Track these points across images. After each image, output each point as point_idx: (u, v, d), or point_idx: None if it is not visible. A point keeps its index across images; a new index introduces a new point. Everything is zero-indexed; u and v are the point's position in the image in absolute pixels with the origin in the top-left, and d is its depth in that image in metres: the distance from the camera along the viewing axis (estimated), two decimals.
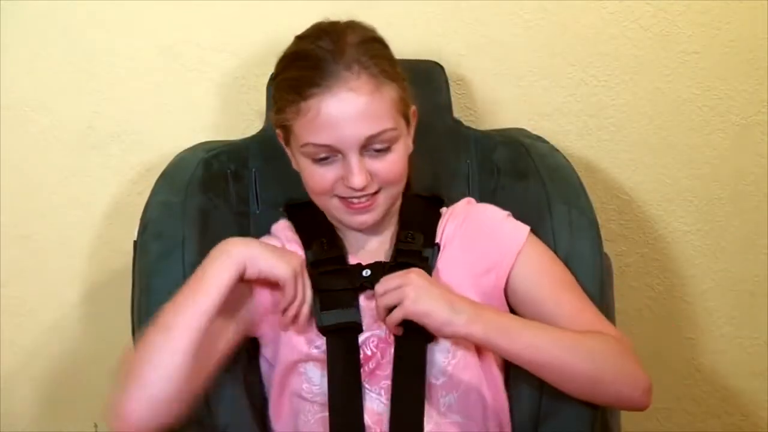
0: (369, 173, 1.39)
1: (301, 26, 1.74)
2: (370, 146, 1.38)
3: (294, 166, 1.47)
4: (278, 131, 1.47)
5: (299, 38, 1.45)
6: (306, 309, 1.40)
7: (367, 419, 1.38)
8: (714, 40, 1.83)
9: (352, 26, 1.43)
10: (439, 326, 1.35)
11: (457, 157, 1.67)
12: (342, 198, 1.41)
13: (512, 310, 1.46)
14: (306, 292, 1.40)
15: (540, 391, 1.45)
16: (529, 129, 1.71)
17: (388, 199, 1.44)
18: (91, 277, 1.80)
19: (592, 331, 1.39)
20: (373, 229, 1.48)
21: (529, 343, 1.36)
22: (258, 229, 1.60)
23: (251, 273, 1.35)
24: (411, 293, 1.35)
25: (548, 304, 1.42)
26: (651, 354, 1.94)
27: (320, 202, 1.45)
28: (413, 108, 1.47)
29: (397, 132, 1.40)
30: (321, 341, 1.42)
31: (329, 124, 1.36)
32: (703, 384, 1.97)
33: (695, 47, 1.83)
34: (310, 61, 1.38)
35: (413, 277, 1.37)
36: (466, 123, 1.73)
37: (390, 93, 1.39)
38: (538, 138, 1.66)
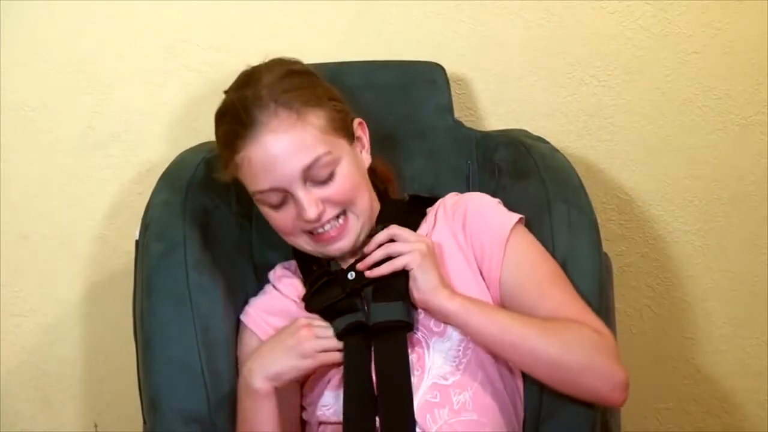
0: (321, 201, 1.41)
1: (302, 26, 1.75)
2: (312, 177, 1.41)
3: None
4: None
5: (226, 92, 1.49)
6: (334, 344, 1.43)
7: None
8: (714, 40, 1.83)
9: (270, 66, 1.47)
10: (426, 289, 1.39)
11: (457, 157, 1.67)
12: (310, 233, 1.44)
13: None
14: (328, 342, 1.42)
15: (541, 392, 1.45)
16: (529, 129, 1.70)
17: (359, 220, 1.46)
18: (91, 277, 1.80)
19: (568, 320, 1.40)
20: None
21: (502, 324, 1.39)
22: (259, 231, 1.61)
23: (283, 384, 1.41)
24: (423, 249, 1.40)
25: (531, 295, 1.43)
26: (651, 354, 1.94)
27: (292, 242, 1.48)
28: (357, 120, 1.49)
29: (333, 155, 1.42)
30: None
31: (263, 169, 1.40)
32: (703, 384, 1.97)
33: (695, 47, 1.84)
34: (233, 114, 1.43)
35: (426, 244, 1.41)
36: (466, 123, 1.73)
37: (314, 120, 1.41)
38: (539, 139, 1.66)
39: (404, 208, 1.55)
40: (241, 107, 1.41)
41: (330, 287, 1.46)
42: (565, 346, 1.37)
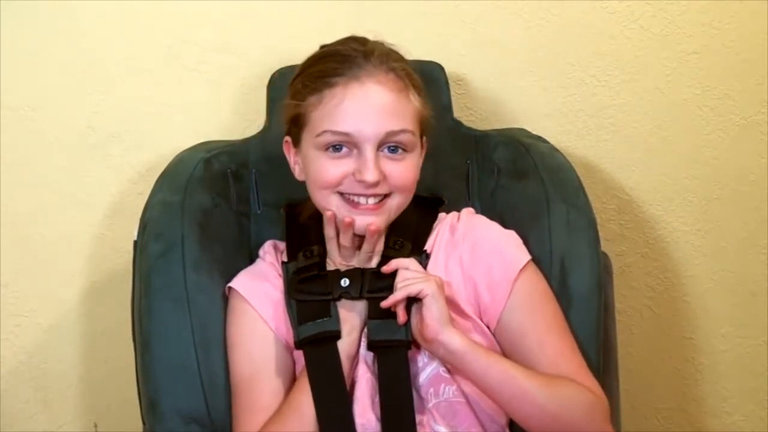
0: (383, 173, 1.37)
1: (301, 26, 1.76)
2: (387, 144, 1.37)
3: (296, 173, 1.47)
4: (287, 127, 1.45)
5: (326, 45, 1.45)
6: None
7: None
8: (714, 40, 1.84)
9: (381, 41, 1.44)
10: (440, 320, 1.33)
11: (457, 157, 1.67)
12: (346, 197, 1.40)
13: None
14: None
15: None
16: (529, 129, 1.71)
17: (395, 207, 1.42)
18: (91, 277, 1.80)
19: (567, 379, 1.38)
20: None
21: (503, 371, 1.35)
22: (259, 230, 1.61)
23: None
24: (438, 281, 1.36)
25: (531, 340, 1.40)
26: (651, 354, 1.94)
27: (322, 198, 1.41)
28: (424, 138, 1.47)
29: (415, 139, 1.40)
30: None
31: (352, 113, 1.36)
32: (703, 384, 1.97)
33: (695, 47, 1.84)
34: (339, 56, 1.39)
35: (436, 278, 1.37)
36: (466, 123, 1.73)
37: (415, 100, 1.40)
38: (539, 138, 1.66)
39: (417, 215, 1.50)
40: (351, 53, 1.38)
41: (316, 282, 1.42)
42: (564, 403, 1.35)
